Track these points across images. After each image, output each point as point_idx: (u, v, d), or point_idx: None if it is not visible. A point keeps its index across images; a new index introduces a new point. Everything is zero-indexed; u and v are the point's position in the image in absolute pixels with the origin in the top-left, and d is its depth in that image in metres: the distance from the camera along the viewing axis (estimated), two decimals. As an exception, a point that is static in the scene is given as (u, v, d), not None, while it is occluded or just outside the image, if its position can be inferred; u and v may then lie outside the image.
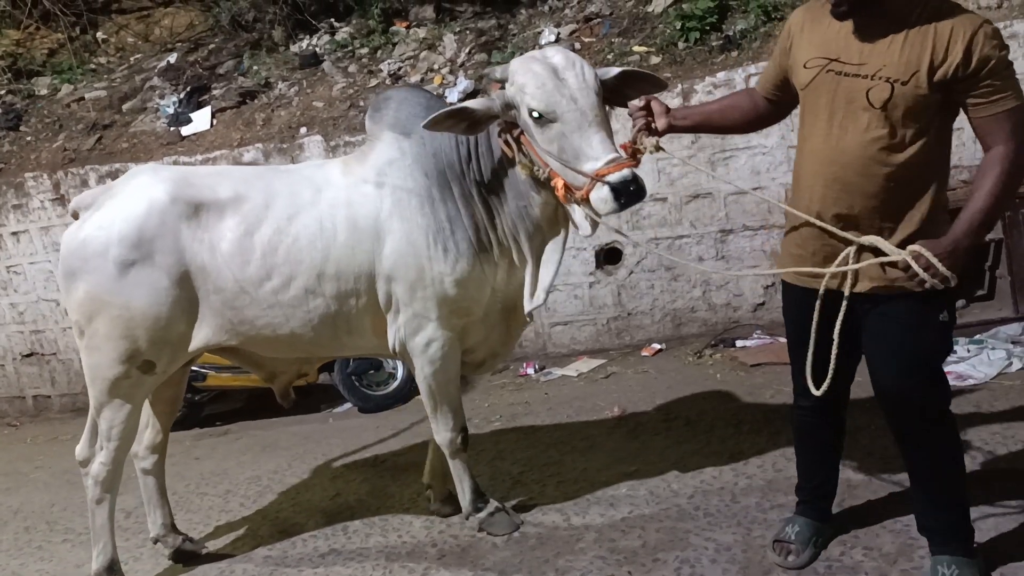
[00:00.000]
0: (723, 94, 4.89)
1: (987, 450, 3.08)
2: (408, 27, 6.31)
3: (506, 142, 2.60)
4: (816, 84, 2.21)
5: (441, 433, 2.99)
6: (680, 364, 4.86)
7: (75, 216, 2.95)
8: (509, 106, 2.54)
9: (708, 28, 5.32)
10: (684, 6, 5.48)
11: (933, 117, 2.12)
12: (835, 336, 2.25)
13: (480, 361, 3.09)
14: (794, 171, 2.37)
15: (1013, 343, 4.19)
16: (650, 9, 5.70)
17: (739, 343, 4.92)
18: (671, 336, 5.25)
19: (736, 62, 5.09)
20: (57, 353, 6.17)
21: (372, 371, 5.07)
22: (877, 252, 2.17)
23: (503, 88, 2.57)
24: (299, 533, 3.33)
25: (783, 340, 4.77)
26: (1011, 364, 3.94)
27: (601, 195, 2.36)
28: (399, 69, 5.97)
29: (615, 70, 2.60)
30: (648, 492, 3.18)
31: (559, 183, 2.47)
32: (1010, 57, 2.08)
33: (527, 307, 2.80)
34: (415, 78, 5.86)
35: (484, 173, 2.73)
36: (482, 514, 3.07)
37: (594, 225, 2.51)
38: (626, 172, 2.35)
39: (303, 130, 5.72)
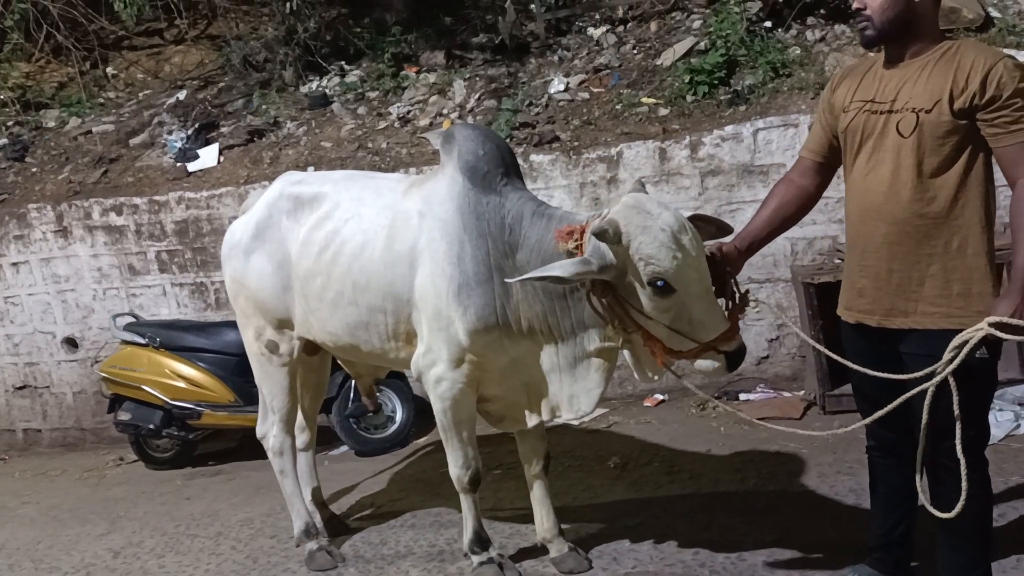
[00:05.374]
0: (731, 147, 4.99)
1: (996, 514, 2.99)
2: (418, 72, 6.37)
3: (603, 305, 2.46)
4: (854, 124, 2.29)
5: (451, 468, 2.95)
6: (683, 416, 4.79)
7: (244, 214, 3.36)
8: (610, 268, 2.38)
9: (716, 82, 5.37)
10: (693, 60, 5.54)
11: (960, 146, 2.15)
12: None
13: (500, 417, 3.03)
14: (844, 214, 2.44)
15: (1020, 404, 4.13)
16: (659, 62, 5.76)
17: (743, 396, 4.87)
18: (674, 387, 5.18)
19: (744, 116, 5.12)
20: (50, 386, 6.08)
21: (371, 414, 4.99)
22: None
23: (597, 240, 2.36)
24: (291, 579, 3.25)
25: (787, 395, 4.80)
26: (1019, 426, 3.89)
27: (715, 362, 2.40)
28: (408, 112, 6.01)
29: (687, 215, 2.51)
30: (652, 547, 3.11)
31: (657, 346, 2.42)
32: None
33: (567, 415, 2.79)
34: (424, 122, 5.89)
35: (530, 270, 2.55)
36: (475, 560, 3.00)
37: (660, 373, 2.57)
38: (740, 341, 2.40)
39: (310, 169, 5.71)
